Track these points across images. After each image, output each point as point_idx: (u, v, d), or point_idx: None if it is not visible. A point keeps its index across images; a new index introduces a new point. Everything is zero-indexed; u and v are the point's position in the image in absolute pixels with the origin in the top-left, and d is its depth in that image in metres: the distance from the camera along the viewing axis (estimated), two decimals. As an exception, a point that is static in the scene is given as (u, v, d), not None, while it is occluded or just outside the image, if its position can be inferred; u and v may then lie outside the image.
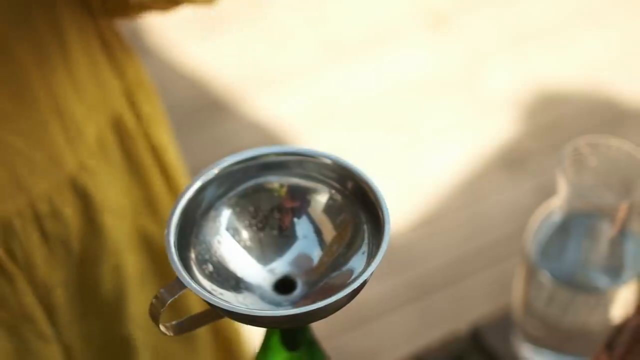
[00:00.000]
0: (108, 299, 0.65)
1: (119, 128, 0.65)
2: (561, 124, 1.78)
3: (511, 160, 1.72)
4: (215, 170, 0.48)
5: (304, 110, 1.79)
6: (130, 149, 0.66)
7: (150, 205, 0.67)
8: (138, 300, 0.67)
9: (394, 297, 1.51)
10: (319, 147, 0.48)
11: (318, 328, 1.70)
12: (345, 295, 0.43)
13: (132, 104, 0.66)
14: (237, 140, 1.74)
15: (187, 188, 0.47)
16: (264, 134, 1.74)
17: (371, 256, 0.46)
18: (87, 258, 0.63)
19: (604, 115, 1.79)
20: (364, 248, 0.47)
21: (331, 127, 1.76)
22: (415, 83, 1.85)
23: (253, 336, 0.82)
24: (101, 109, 0.63)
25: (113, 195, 0.64)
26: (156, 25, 1.93)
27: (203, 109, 1.83)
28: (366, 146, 1.73)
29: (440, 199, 1.65)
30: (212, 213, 0.48)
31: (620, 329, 0.66)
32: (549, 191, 1.69)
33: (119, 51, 0.66)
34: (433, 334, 0.78)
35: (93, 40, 0.62)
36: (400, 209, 1.62)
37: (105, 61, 0.64)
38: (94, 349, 0.66)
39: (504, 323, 0.75)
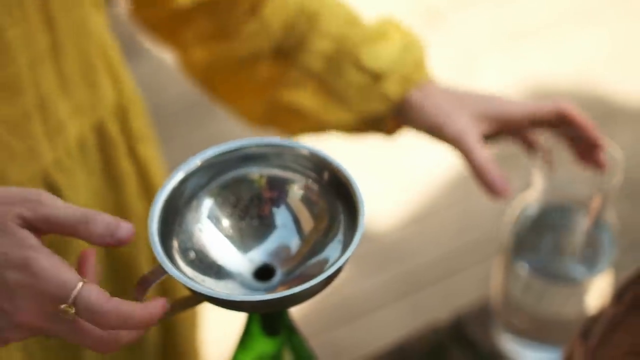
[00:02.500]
0: None
1: (101, 134, 0.66)
2: (552, 122, 1.79)
3: (502, 158, 1.73)
4: (197, 161, 0.50)
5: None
6: (110, 156, 0.67)
7: (120, 213, 0.68)
8: None
9: (385, 293, 1.53)
10: (311, 144, 0.50)
11: (310, 323, 1.71)
12: (320, 282, 0.45)
13: (122, 117, 0.68)
14: (233, 137, 1.75)
15: (170, 178, 0.49)
16: (259, 131, 1.76)
17: (347, 245, 0.47)
18: None
19: (596, 113, 1.81)
20: (340, 237, 0.49)
21: (324, 123, 1.78)
22: (408, 81, 1.87)
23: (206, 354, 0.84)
24: (87, 112, 0.64)
25: (84, 196, 0.65)
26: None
27: (199, 105, 1.85)
28: (358, 143, 1.75)
29: (431, 197, 1.67)
30: (195, 202, 0.50)
31: (595, 319, 0.68)
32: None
33: (119, 66, 0.67)
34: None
35: (92, 46, 0.63)
36: (391, 206, 1.64)
37: (104, 71, 0.65)
38: (50, 352, 0.66)
39: (484, 313, 0.77)
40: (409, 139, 1.85)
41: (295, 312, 1.61)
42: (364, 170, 1.69)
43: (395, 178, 1.69)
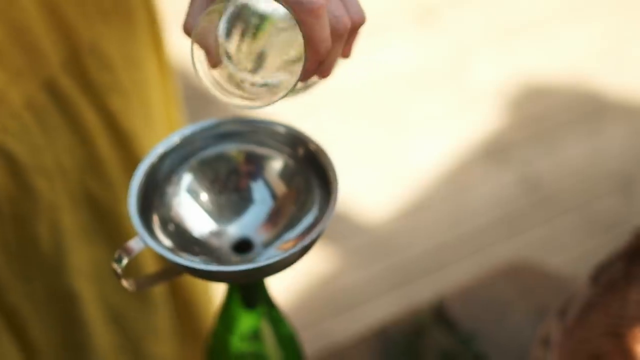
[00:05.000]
0: (47, 255, 0.66)
1: (54, 92, 0.65)
2: (545, 116, 1.81)
3: (495, 152, 1.75)
4: (176, 138, 0.51)
5: (291, 100, 1.82)
6: (70, 112, 0.66)
7: (95, 167, 0.68)
8: (80, 254, 0.68)
9: (377, 285, 1.54)
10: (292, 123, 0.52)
11: (303, 314, 1.70)
12: (294, 253, 0.47)
13: (76, 70, 0.66)
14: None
15: (150, 154, 0.50)
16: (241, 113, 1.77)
17: (321, 218, 0.49)
18: (20, 218, 0.64)
19: (587, 107, 1.82)
20: (315, 211, 0.50)
21: (318, 116, 1.79)
22: (402, 75, 1.88)
23: (214, 298, 0.84)
24: (30, 75, 0.63)
25: (48, 156, 0.65)
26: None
27: (193, 99, 1.86)
28: (352, 136, 1.76)
29: (424, 189, 1.68)
30: (174, 177, 0.52)
31: (572, 298, 0.69)
32: (532, 182, 1.72)
33: (72, 20, 0.65)
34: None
35: (23, 11, 0.61)
36: (385, 198, 1.65)
37: (48, 29, 0.63)
38: (39, 306, 0.67)
39: (464, 297, 0.78)
40: (402, 132, 1.86)
41: (288, 303, 1.62)
42: (357, 164, 1.70)
43: (389, 171, 1.71)
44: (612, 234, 1.61)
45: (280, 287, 1.51)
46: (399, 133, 1.76)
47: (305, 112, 1.80)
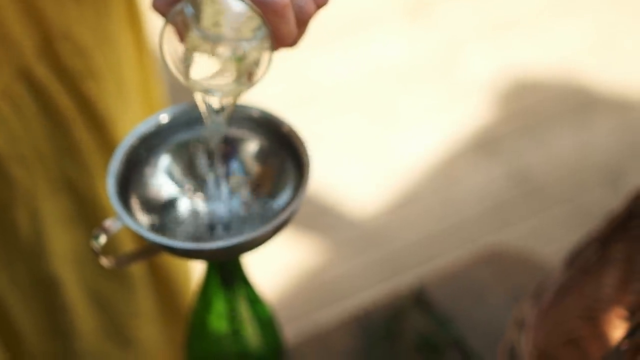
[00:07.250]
0: (28, 242, 0.67)
1: (29, 81, 0.65)
2: (535, 110, 1.82)
3: (485, 144, 1.76)
4: (155, 121, 0.53)
5: (283, 93, 1.83)
6: (46, 99, 0.67)
7: (72, 152, 0.69)
8: (60, 239, 0.69)
9: (368, 276, 1.55)
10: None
11: (294, 305, 1.71)
12: (267, 232, 0.48)
13: (51, 57, 0.66)
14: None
15: (129, 135, 0.52)
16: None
17: (294, 198, 0.50)
18: None
19: (577, 101, 1.84)
20: (289, 191, 0.52)
21: (309, 109, 1.81)
22: (393, 69, 1.89)
23: (193, 278, 0.85)
24: (4, 65, 0.64)
25: (26, 145, 0.66)
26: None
27: (185, 90, 1.87)
28: (343, 129, 1.78)
29: (415, 182, 1.69)
30: (153, 159, 0.53)
31: (546, 281, 0.71)
32: (521, 174, 1.74)
33: (45, 8, 0.65)
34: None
35: None
36: (375, 190, 1.66)
37: (20, 18, 0.63)
38: (23, 292, 0.69)
39: (444, 280, 0.79)
40: (393, 125, 1.86)
41: (278, 294, 1.62)
42: (348, 156, 1.71)
43: (379, 164, 1.72)
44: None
45: (270, 279, 1.53)
46: (389, 126, 1.78)
47: (295, 104, 1.81)
